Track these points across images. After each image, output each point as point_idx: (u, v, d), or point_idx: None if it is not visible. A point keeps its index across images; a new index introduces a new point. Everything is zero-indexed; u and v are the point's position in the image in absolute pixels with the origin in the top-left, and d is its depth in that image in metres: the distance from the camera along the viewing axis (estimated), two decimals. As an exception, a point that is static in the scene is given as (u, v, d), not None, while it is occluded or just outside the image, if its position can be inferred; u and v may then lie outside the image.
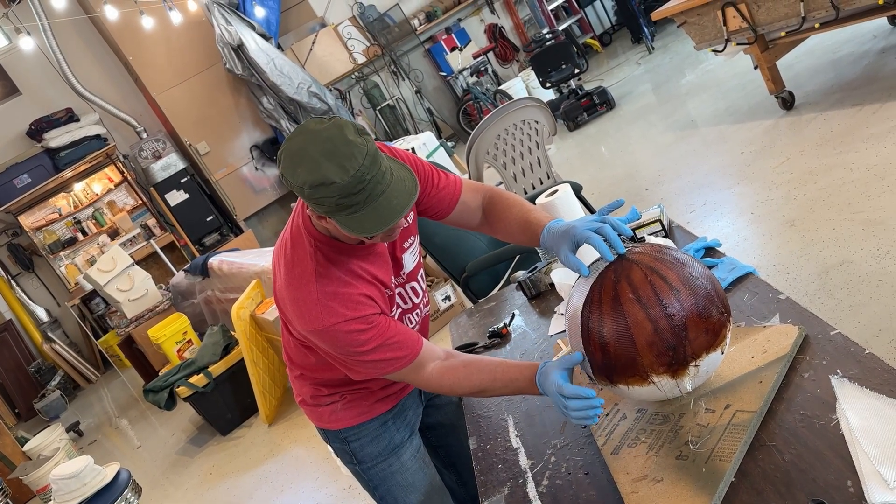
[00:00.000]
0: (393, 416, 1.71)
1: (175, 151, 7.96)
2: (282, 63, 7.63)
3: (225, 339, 4.71)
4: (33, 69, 7.85)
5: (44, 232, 8.12)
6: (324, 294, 1.40)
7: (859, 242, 2.84)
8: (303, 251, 1.44)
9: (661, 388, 1.22)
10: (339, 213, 1.27)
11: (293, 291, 1.44)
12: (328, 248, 1.43)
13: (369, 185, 1.25)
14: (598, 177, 5.34)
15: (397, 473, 1.72)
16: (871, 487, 0.95)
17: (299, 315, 1.43)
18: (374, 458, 1.71)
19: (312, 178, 1.24)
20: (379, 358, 1.43)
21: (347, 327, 1.39)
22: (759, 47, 4.37)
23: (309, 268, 1.42)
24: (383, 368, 1.45)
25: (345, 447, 1.72)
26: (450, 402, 1.88)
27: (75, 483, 2.90)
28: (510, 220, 1.62)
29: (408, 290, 1.61)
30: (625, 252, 1.30)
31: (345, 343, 1.41)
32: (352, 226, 1.28)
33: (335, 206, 1.26)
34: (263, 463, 3.96)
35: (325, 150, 1.25)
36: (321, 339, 1.42)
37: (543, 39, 7.70)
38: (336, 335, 1.40)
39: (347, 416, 1.68)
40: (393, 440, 1.71)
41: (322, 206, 1.28)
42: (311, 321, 1.41)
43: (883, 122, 3.64)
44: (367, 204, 1.26)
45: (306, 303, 1.41)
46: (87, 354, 8.22)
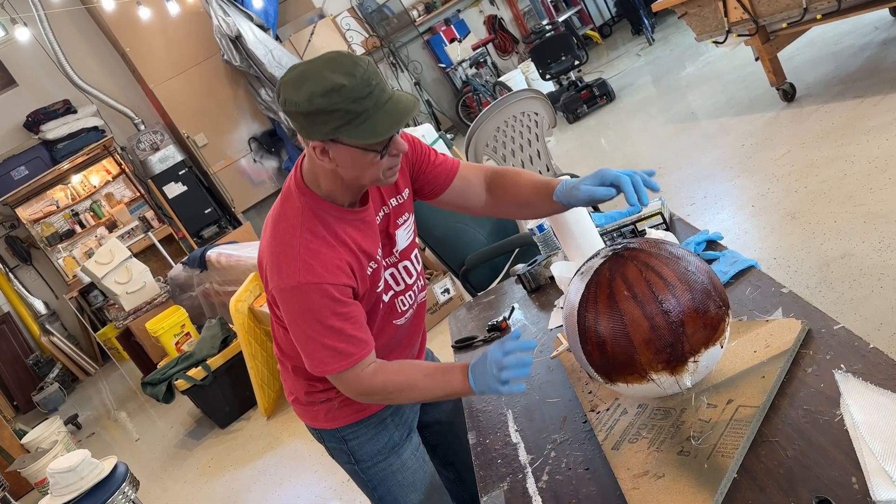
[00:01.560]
0: (391, 413, 1.67)
1: (173, 143, 7.94)
2: (280, 54, 7.59)
3: (223, 331, 4.70)
4: (30, 60, 7.81)
5: (41, 224, 8.10)
6: (306, 250, 1.37)
7: (861, 235, 2.83)
8: (291, 207, 1.42)
9: (661, 385, 1.20)
10: (348, 126, 1.26)
11: (275, 245, 1.40)
12: (318, 207, 1.41)
13: (376, 90, 1.26)
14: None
15: (398, 472, 1.67)
16: (876, 484, 0.94)
17: (277, 269, 1.38)
18: (374, 457, 1.66)
19: (320, 86, 1.24)
20: (333, 345, 1.38)
21: (322, 290, 1.35)
22: (761, 39, 4.34)
23: (295, 222, 1.39)
24: (329, 363, 1.40)
25: (342, 446, 1.67)
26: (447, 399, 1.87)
27: (72, 477, 2.89)
28: (521, 184, 1.60)
29: (400, 269, 1.56)
30: (620, 248, 1.28)
31: (315, 308, 1.36)
32: (363, 134, 1.27)
33: (345, 114, 1.25)
34: (262, 456, 3.95)
35: (328, 65, 1.27)
36: (292, 298, 1.37)
37: (543, 31, 7.67)
38: (308, 295, 1.35)
39: (344, 414, 1.63)
40: (392, 438, 1.67)
41: (330, 121, 1.26)
42: (288, 276, 1.36)
43: (884, 114, 3.62)
44: (375, 109, 1.26)
45: (286, 256, 1.37)
46: (86, 347, 8.21)
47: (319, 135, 1.30)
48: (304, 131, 1.31)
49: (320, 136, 1.30)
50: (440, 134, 5.30)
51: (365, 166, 1.34)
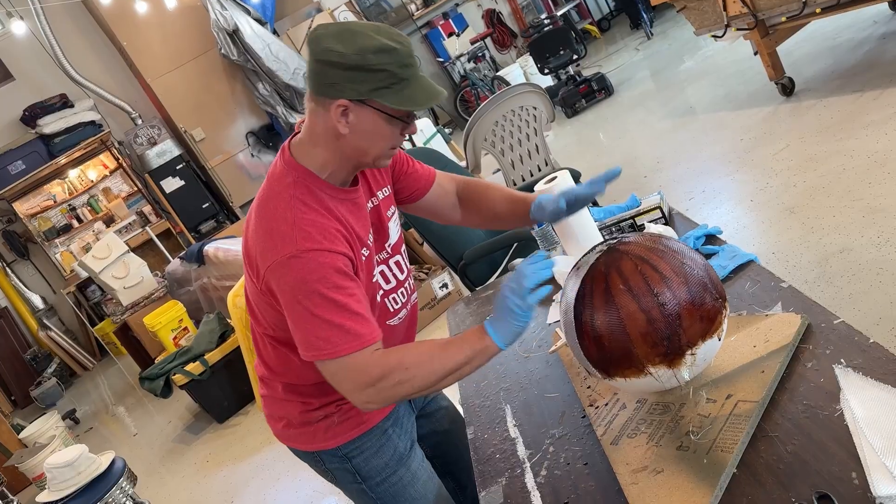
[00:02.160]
0: (391, 423, 1.57)
1: (170, 138, 7.91)
2: (277, 48, 7.57)
3: (221, 326, 4.69)
4: (26, 54, 7.77)
5: (39, 219, 8.08)
6: (302, 219, 1.28)
7: (859, 230, 2.82)
8: (280, 185, 1.35)
9: (659, 378, 1.20)
10: (388, 89, 1.26)
11: (266, 223, 1.30)
12: (311, 182, 1.35)
13: (415, 63, 1.28)
14: (597, 164, 5.31)
15: (409, 486, 1.56)
16: (876, 479, 0.94)
17: (271, 245, 1.27)
18: (382, 471, 1.54)
19: (372, 44, 1.24)
20: (339, 323, 1.25)
21: (322, 258, 1.25)
22: (760, 33, 4.33)
23: (286, 196, 1.32)
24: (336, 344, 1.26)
25: (346, 465, 1.54)
26: (440, 408, 1.78)
27: (70, 472, 2.88)
28: (494, 198, 1.63)
29: (392, 265, 1.51)
30: (615, 243, 1.27)
31: (315, 278, 1.24)
32: (401, 100, 1.27)
33: (389, 76, 1.25)
34: (260, 451, 3.95)
35: (373, 29, 1.27)
36: (289, 271, 1.25)
37: (542, 25, 7.65)
38: (307, 265, 1.25)
39: (345, 429, 1.51)
40: (397, 449, 1.56)
41: (372, 80, 1.25)
42: (283, 247, 1.26)
43: (883, 108, 3.62)
44: (413, 80, 1.27)
45: (280, 229, 1.28)
46: (83, 342, 8.20)
47: (353, 92, 1.26)
48: (337, 87, 1.26)
49: (353, 95, 1.26)
50: (438, 128, 5.28)
51: (379, 137, 1.32)
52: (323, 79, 1.28)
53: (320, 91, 1.29)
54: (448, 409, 1.82)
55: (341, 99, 1.27)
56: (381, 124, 1.30)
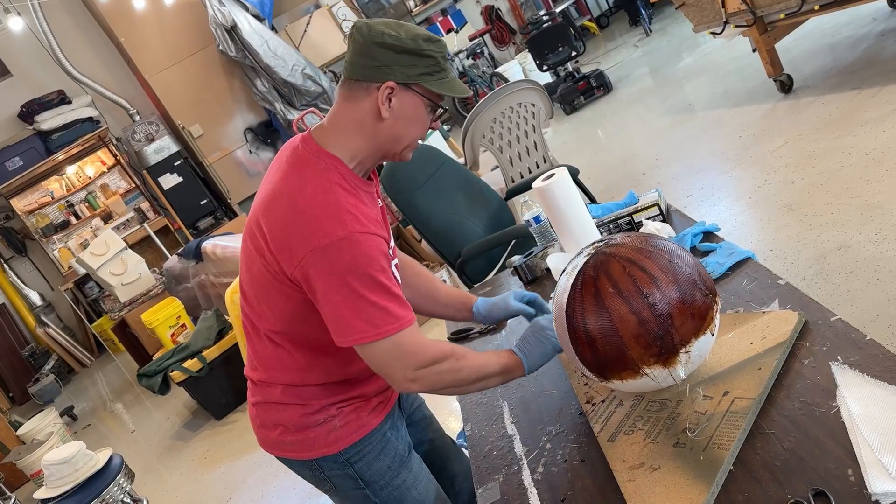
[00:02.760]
0: (389, 427, 1.56)
1: (168, 134, 7.90)
2: (276, 45, 7.55)
3: (219, 323, 4.69)
4: (24, 50, 7.75)
5: (36, 215, 8.07)
6: (347, 202, 1.30)
7: (857, 227, 2.82)
8: (311, 171, 1.34)
9: (655, 378, 1.20)
10: (433, 76, 1.35)
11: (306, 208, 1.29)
12: (341, 169, 1.36)
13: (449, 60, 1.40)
14: (595, 161, 5.30)
15: (412, 488, 1.55)
16: (872, 476, 0.94)
17: (316, 227, 1.26)
18: (385, 474, 1.53)
19: (423, 33, 1.34)
20: (384, 305, 1.28)
21: (373, 241, 1.28)
22: (758, 30, 4.33)
23: (324, 182, 1.32)
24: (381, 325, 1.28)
25: (347, 471, 1.51)
26: (424, 417, 1.77)
27: (67, 468, 2.88)
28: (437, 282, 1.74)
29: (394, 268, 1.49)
30: (602, 245, 1.27)
31: (365, 258, 1.26)
32: (444, 86, 1.36)
33: (435, 64, 1.35)
34: (258, 447, 3.90)
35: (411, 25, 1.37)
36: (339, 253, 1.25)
37: (540, 22, 7.64)
38: (359, 244, 1.26)
39: (346, 433, 1.48)
40: (398, 451, 1.55)
41: (421, 65, 1.33)
42: (333, 229, 1.26)
43: (882, 105, 3.62)
44: (449, 73, 1.38)
45: (327, 212, 1.27)
46: (81, 338, 8.20)
47: (402, 76, 1.33)
48: (386, 69, 1.32)
49: (402, 78, 1.33)
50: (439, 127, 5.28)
51: (417, 123, 1.39)
52: (372, 61, 1.32)
53: (367, 75, 1.33)
54: (430, 419, 1.80)
55: (390, 80, 1.33)
56: (421, 110, 1.38)
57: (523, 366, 1.40)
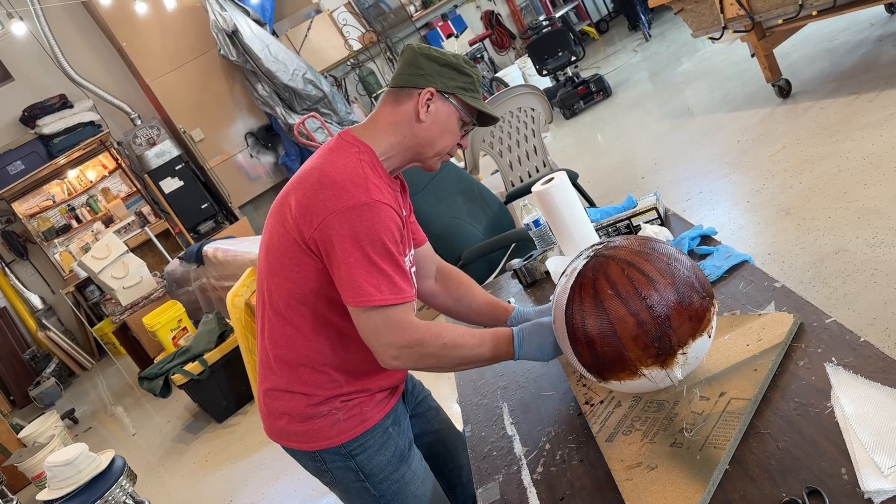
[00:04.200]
0: (391, 422, 1.59)
1: (169, 138, 7.92)
2: (276, 49, 7.58)
3: (220, 326, 4.70)
4: (26, 55, 7.78)
5: (38, 219, 8.09)
6: (373, 177, 1.40)
7: (855, 231, 2.84)
8: (346, 154, 1.44)
9: (652, 379, 1.22)
10: (470, 91, 1.49)
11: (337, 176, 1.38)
12: (373, 159, 1.45)
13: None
14: (595, 165, 5.33)
15: (410, 483, 1.59)
16: (865, 475, 0.95)
17: (342, 191, 1.35)
18: (385, 468, 1.57)
19: (463, 56, 1.51)
20: (392, 275, 1.36)
21: (390, 213, 1.37)
22: (757, 35, 4.35)
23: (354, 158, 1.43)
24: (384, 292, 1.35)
25: (349, 463, 1.56)
26: (430, 409, 1.81)
27: (70, 470, 2.90)
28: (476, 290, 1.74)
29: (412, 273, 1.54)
30: (601, 247, 1.29)
31: (382, 226, 1.35)
32: (476, 103, 1.50)
33: (471, 83, 1.49)
34: (259, 450, 3.96)
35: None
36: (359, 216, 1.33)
37: (540, 27, 7.66)
38: (379, 212, 1.35)
39: (349, 426, 1.53)
40: (399, 446, 1.59)
41: (459, 79, 1.48)
42: (357, 194, 1.35)
43: (879, 110, 3.64)
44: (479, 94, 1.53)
45: (354, 180, 1.37)
46: (82, 342, 8.20)
47: (442, 84, 1.47)
48: (429, 76, 1.46)
49: (441, 86, 1.47)
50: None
51: (448, 131, 1.50)
52: (418, 70, 1.47)
53: (412, 81, 1.47)
54: (438, 410, 1.84)
55: (431, 87, 1.46)
56: (454, 121, 1.50)
57: (514, 349, 1.44)
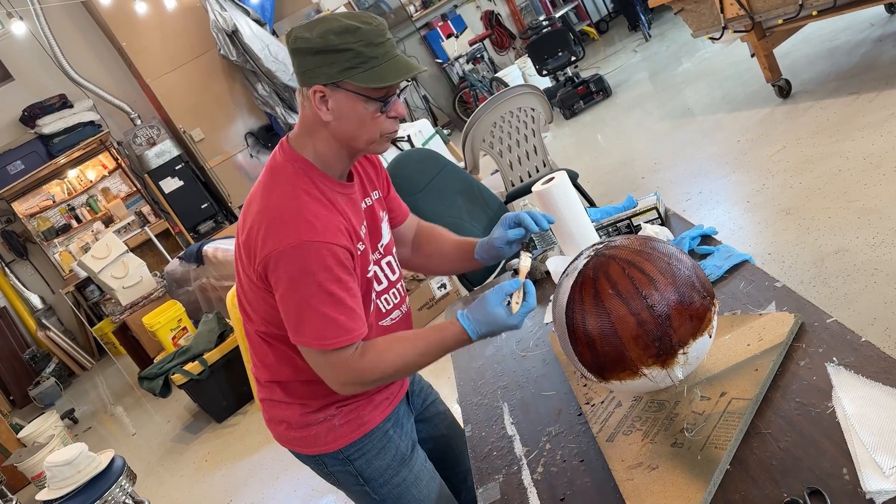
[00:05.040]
0: (392, 424, 1.58)
1: (169, 138, 7.92)
2: (276, 49, 7.58)
3: (220, 326, 4.70)
4: (26, 54, 7.78)
5: (38, 219, 8.08)
6: (306, 209, 1.31)
7: (855, 231, 2.84)
8: (282, 175, 1.37)
9: (653, 378, 1.21)
10: (356, 69, 1.28)
11: (269, 212, 1.32)
12: (311, 173, 1.37)
13: (387, 43, 1.30)
14: (595, 165, 5.32)
15: (412, 486, 1.57)
16: (866, 475, 0.95)
17: (273, 232, 1.29)
18: (385, 472, 1.55)
19: (336, 26, 1.28)
20: (332, 316, 1.30)
21: (326, 250, 1.28)
22: (757, 35, 4.35)
23: (288, 187, 1.34)
24: (325, 336, 1.31)
25: (348, 468, 1.55)
26: (438, 413, 1.79)
27: (69, 470, 2.89)
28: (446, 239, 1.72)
29: (384, 266, 1.53)
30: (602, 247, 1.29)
31: (316, 269, 1.27)
32: (371, 77, 1.28)
33: (355, 55, 1.27)
34: (259, 450, 3.96)
35: (344, 13, 1.32)
36: (291, 260, 1.27)
37: (540, 27, 7.66)
38: (309, 255, 1.27)
39: (346, 431, 1.52)
40: (399, 449, 1.57)
41: (339, 60, 1.27)
42: (286, 235, 1.28)
43: (879, 110, 3.64)
44: (385, 58, 1.29)
45: (284, 218, 1.30)
46: (82, 342, 8.20)
47: (324, 77, 1.29)
48: (309, 73, 1.30)
49: (325, 79, 1.29)
50: (437, 130, 5.30)
51: (364, 120, 1.33)
52: (297, 68, 1.32)
53: (300, 81, 1.34)
54: (445, 414, 1.83)
55: (316, 84, 1.31)
56: (360, 106, 1.32)
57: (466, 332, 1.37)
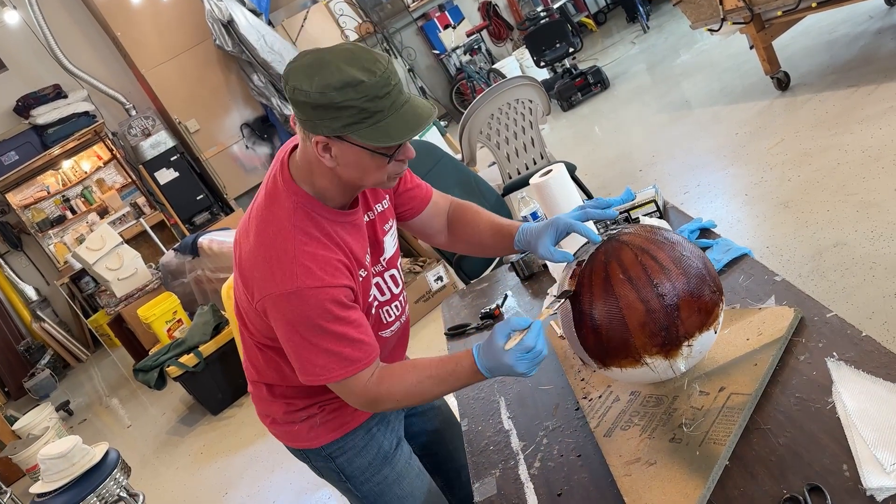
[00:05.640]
0: (377, 422, 1.57)
1: (164, 129, 7.88)
2: (272, 40, 7.53)
3: (215, 318, 4.68)
4: (19, 44, 7.72)
5: (32, 210, 8.05)
6: (303, 253, 1.27)
7: (853, 224, 2.83)
8: (280, 209, 1.32)
9: (655, 369, 1.20)
10: (360, 125, 1.19)
11: (265, 250, 1.29)
12: (310, 208, 1.32)
13: (394, 91, 1.19)
14: (592, 157, 5.31)
15: (394, 484, 1.57)
16: (867, 472, 0.94)
17: (270, 275, 1.27)
18: (366, 471, 1.56)
19: (336, 79, 1.16)
20: (337, 350, 1.28)
21: (324, 295, 1.26)
22: (756, 27, 4.33)
23: (287, 224, 1.30)
24: (333, 370, 1.30)
25: (329, 465, 1.56)
26: (432, 408, 1.79)
27: (63, 463, 2.88)
28: (482, 227, 1.60)
29: (387, 278, 1.50)
30: (615, 233, 1.27)
31: (316, 313, 1.26)
32: (376, 136, 1.19)
33: (358, 112, 1.17)
34: (254, 443, 3.95)
35: (346, 57, 1.19)
36: (289, 305, 1.26)
37: (538, 18, 7.62)
38: (308, 301, 1.25)
39: (328, 430, 1.52)
40: (382, 447, 1.57)
41: (341, 117, 1.18)
42: (283, 281, 1.25)
43: (878, 103, 3.62)
44: (391, 111, 1.19)
45: (280, 261, 1.26)
46: (77, 333, 8.18)
47: (327, 130, 1.21)
48: (310, 124, 1.22)
49: (327, 132, 1.21)
50: (434, 121, 5.27)
51: (369, 169, 1.27)
52: (297, 115, 1.24)
53: (300, 125, 1.26)
54: (441, 409, 1.82)
55: (318, 135, 1.23)
56: (365, 158, 1.24)
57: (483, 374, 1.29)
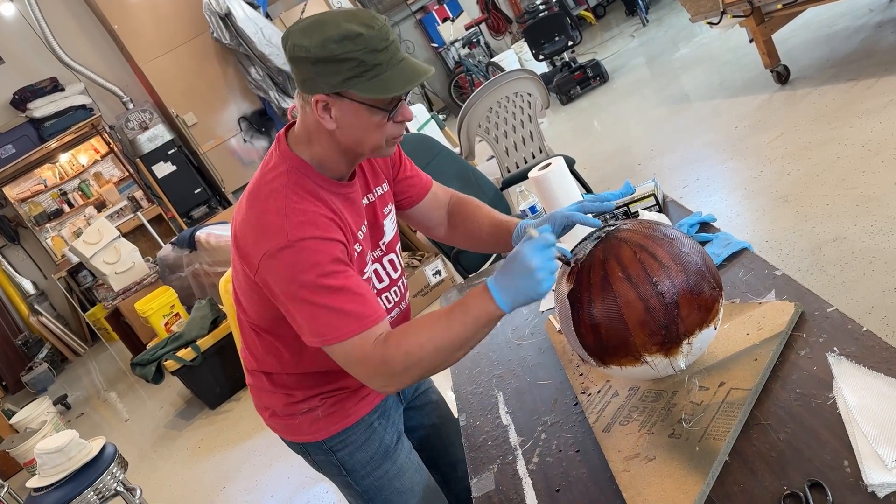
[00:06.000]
0: (378, 416, 1.56)
1: (162, 122, 7.85)
2: (270, 33, 7.50)
3: (213, 312, 4.67)
4: (16, 36, 7.69)
5: (29, 203, 8.03)
6: (294, 209, 1.24)
7: (853, 218, 2.82)
8: (273, 172, 1.31)
9: (655, 367, 1.19)
10: (360, 78, 1.19)
11: (257, 211, 1.27)
12: (304, 171, 1.31)
13: (392, 47, 1.21)
14: (591, 151, 5.29)
15: (394, 479, 1.56)
16: (868, 468, 0.93)
17: (262, 234, 1.24)
18: (367, 465, 1.55)
19: (335, 32, 1.18)
20: (339, 307, 1.22)
21: (317, 246, 1.22)
22: (755, 20, 4.31)
23: (278, 185, 1.28)
24: (339, 328, 1.22)
25: (330, 458, 1.55)
26: (429, 402, 1.77)
27: (60, 457, 2.87)
28: (480, 219, 1.60)
29: (385, 263, 1.49)
30: (613, 229, 1.26)
31: (311, 265, 1.21)
32: (375, 88, 1.20)
33: (358, 64, 1.18)
34: (252, 437, 3.95)
35: (345, 15, 1.22)
36: (283, 261, 1.22)
37: (537, 11, 7.60)
38: (301, 253, 1.21)
39: (329, 423, 1.51)
40: (383, 442, 1.56)
41: (341, 70, 1.19)
42: (275, 237, 1.22)
43: (878, 97, 3.61)
44: (390, 65, 1.21)
45: (272, 219, 1.24)
46: (75, 327, 8.17)
47: (326, 86, 1.21)
48: (310, 82, 1.22)
49: (327, 88, 1.22)
50: (432, 115, 5.26)
51: (369, 128, 1.26)
52: (297, 75, 1.25)
53: (300, 87, 1.27)
54: (438, 403, 1.81)
55: (317, 94, 1.23)
56: (364, 115, 1.24)
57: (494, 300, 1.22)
